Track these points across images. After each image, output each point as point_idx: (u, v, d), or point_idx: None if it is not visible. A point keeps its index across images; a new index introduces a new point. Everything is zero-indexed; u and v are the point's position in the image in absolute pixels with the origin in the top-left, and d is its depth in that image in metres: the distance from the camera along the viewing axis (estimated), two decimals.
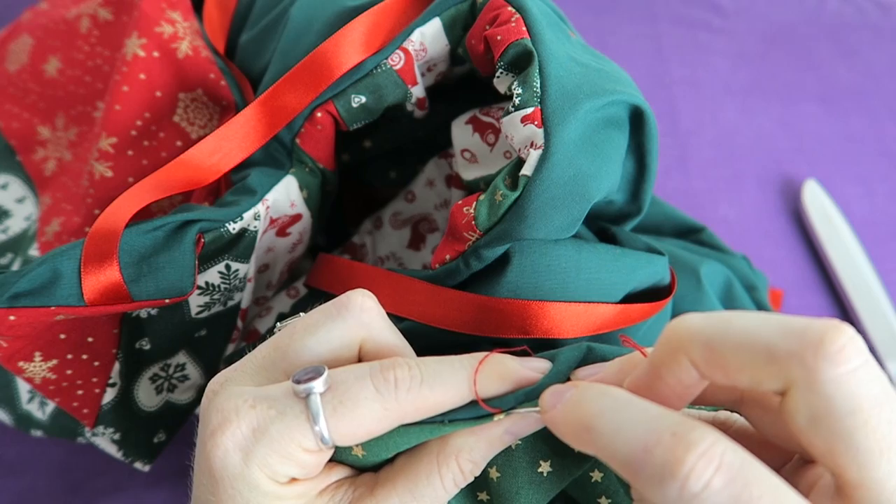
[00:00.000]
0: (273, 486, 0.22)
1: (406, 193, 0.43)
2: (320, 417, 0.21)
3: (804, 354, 0.17)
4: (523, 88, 0.27)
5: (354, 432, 0.22)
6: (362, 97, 0.32)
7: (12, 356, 0.30)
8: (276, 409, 0.22)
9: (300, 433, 0.21)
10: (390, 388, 0.22)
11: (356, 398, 0.22)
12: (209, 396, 0.23)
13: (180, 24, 0.37)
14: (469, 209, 0.28)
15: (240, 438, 0.21)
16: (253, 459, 0.21)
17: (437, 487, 0.23)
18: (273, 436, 0.21)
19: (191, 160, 0.32)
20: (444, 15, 0.31)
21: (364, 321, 0.24)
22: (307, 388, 0.21)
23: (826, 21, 0.67)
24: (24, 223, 0.40)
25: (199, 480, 0.23)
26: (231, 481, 0.21)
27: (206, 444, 0.22)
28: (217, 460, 0.22)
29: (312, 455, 0.22)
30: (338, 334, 0.23)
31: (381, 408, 0.22)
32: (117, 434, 0.34)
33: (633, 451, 0.18)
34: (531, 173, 0.26)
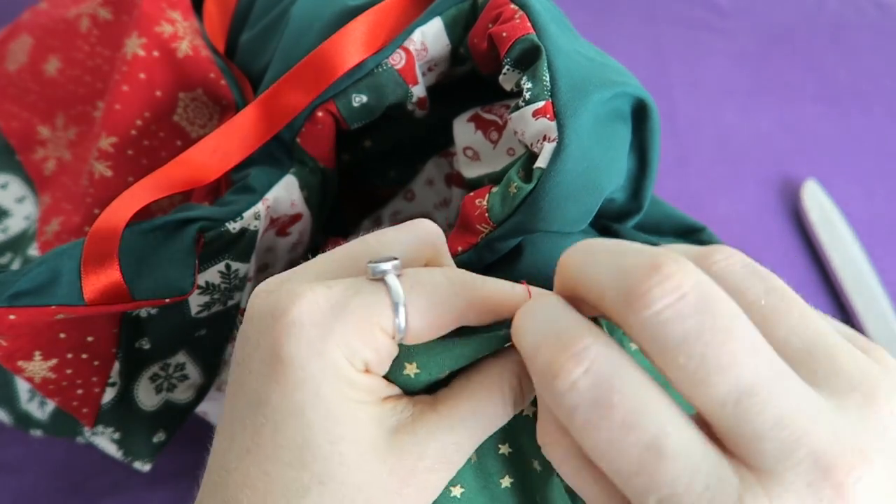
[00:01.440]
0: (350, 369, 0.20)
1: (406, 192, 0.43)
2: (400, 294, 0.21)
3: (616, 301, 0.18)
4: (533, 83, 0.27)
5: (428, 318, 0.21)
6: (363, 96, 0.32)
7: (12, 355, 0.30)
8: (354, 287, 0.21)
9: (380, 310, 0.20)
10: (459, 276, 0.22)
11: (431, 282, 0.22)
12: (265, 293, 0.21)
13: (180, 23, 0.37)
14: (482, 201, 0.28)
15: (317, 314, 0.20)
16: (332, 336, 0.20)
17: (498, 406, 0.23)
18: (353, 310, 0.20)
19: (191, 159, 0.32)
20: (446, 14, 0.31)
21: (433, 241, 0.24)
22: (384, 268, 0.21)
23: (826, 21, 0.67)
24: (24, 223, 0.40)
25: (249, 371, 0.21)
26: (303, 361, 0.20)
27: (273, 326, 0.20)
28: (290, 340, 0.20)
29: (388, 341, 0.21)
30: (407, 247, 0.23)
31: (453, 294, 0.22)
32: (117, 433, 0.34)
33: (529, 349, 0.19)
34: (545, 165, 0.26)
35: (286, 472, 0.20)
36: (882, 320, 0.50)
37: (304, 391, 0.20)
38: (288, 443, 0.20)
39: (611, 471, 0.18)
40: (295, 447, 0.20)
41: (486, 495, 0.27)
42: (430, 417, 0.22)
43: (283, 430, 0.20)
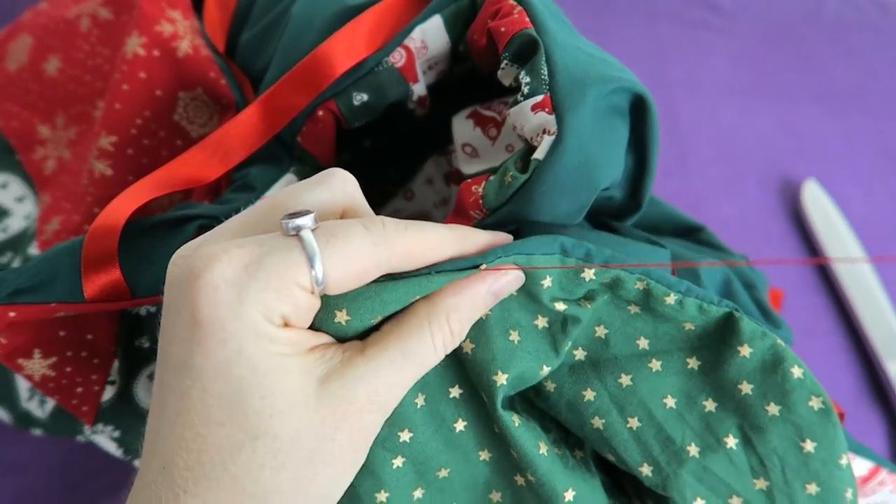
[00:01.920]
0: (268, 325, 0.21)
1: (405, 192, 0.43)
2: (315, 249, 0.21)
3: None
4: (531, 77, 0.27)
5: (346, 269, 0.21)
6: (364, 95, 0.32)
7: (12, 353, 0.30)
8: (268, 244, 0.21)
9: (295, 267, 0.20)
10: (378, 226, 0.22)
11: (347, 233, 0.21)
12: (181, 258, 0.21)
13: (180, 22, 0.37)
14: (478, 188, 0.28)
15: (231, 275, 0.20)
16: (248, 295, 0.20)
17: (427, 346, 0.23)
18: (268, 269, 0.20)
19: (191, 159, 0.32)
20: (445, 12, 0.31)
21: (348, 190, 0.24)
22: (298, 223, 0.21)
23: (826, 21, 0.67)
24: (24, 222, 0.40)
25: (172, 338, 0.21)
26: (222, 323, 0.20)
27: (190, 290, 0.20)
28: (207, 301, 0.20)
29: (306, 295, 0.21)
30: (322, 198, 0.23)
31: (371, 243, 0.22)
32: (117, 432, 0.34)
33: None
34: (542, 157, 0.26)
35: (218, 430, 0.20)
36: (882, 320, 0.50)
37: (226, 350, 0.20)
38: (217, 402, 0.20)
39: None
40: (224, 405, 0.20)
41: (438, 439, 0.27)
42: (357, 362, 0.22)
43: (211, 389, 0.20)
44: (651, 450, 0.28)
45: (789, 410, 0.27)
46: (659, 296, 0.27)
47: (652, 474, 0.28)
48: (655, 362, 0.28)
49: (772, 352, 0.27)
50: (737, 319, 0.27)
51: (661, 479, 0.28)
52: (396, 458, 0.26)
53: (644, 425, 0.28)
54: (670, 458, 0.28)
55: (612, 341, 0.28)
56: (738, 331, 0.27)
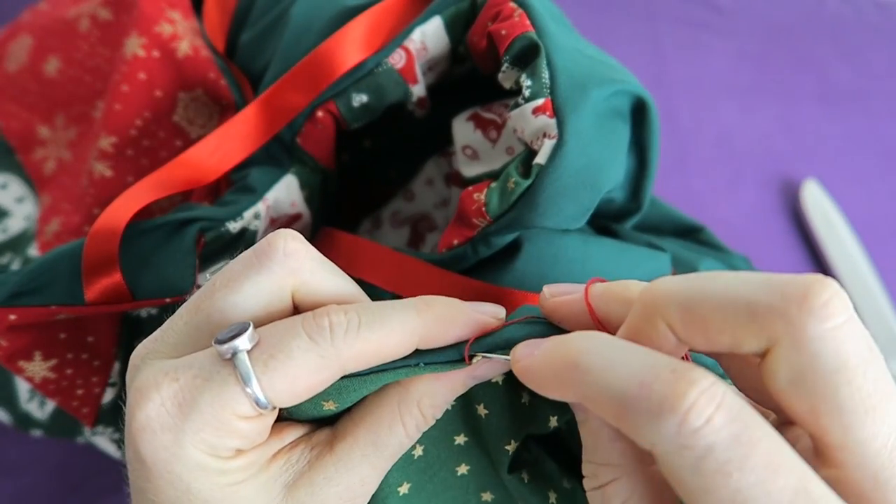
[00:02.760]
0: (214, 461, 0.20)
1: (405, 192, 0.43)
2: (251, 377, 0.19)
3: (788, 310, 0.17)
4: (532, 80, 0.27)
5: (292, 388, 0.20)
6: (363, 96, 0.32)
7: (12, 355, 0.30)
8: (202, 376, 0.19)
9: (233, 399, 0.19)
10: (325, 334, 0.20)
11: (288, 350, 0.20)
12: (131, 373, 0.21)
13: (180, 23, 0.37)
14: (480, 195, 0.28)
15: (165, 417, 0.19)
16: (185, 438, 0.19)
17: (399, 435, 0.22)
18: (202, 407, 0.19)
19: (191, 159, 0.32)
20: (445, 13, 0.31)
21: (292, 267, 0.21)
22: (231, 347, 0.19)
23: (826, 21, 0.67)
24: (24, 223, 0.40)
25: (131, 466, 0.20)
26: (165, 465, 0.19)
27: (131, 427, 0.19)
28: (145, 445, 0.19)
29: (251, 422, 0.20)
30: (264, 287, 0.21)
31: (317, 356, 0.20)
32: (117, 433, 0.34)
33: (627, 387, 0.17)
34: (545, 162, 0.26)
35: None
36: (882, 320, 0.50)
37: (176, 489, 0.20)
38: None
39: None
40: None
41: (437, 482, 0.27)
42: (327, 461, 0.22)
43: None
44: None
45: None
46: None
47: None
48: None
49: None
50: None
51: None
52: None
53: None
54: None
55: None
56: None
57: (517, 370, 0.20)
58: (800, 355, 0.16)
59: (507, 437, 0.25)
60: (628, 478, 0.19)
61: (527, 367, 0.20)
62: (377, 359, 0.21)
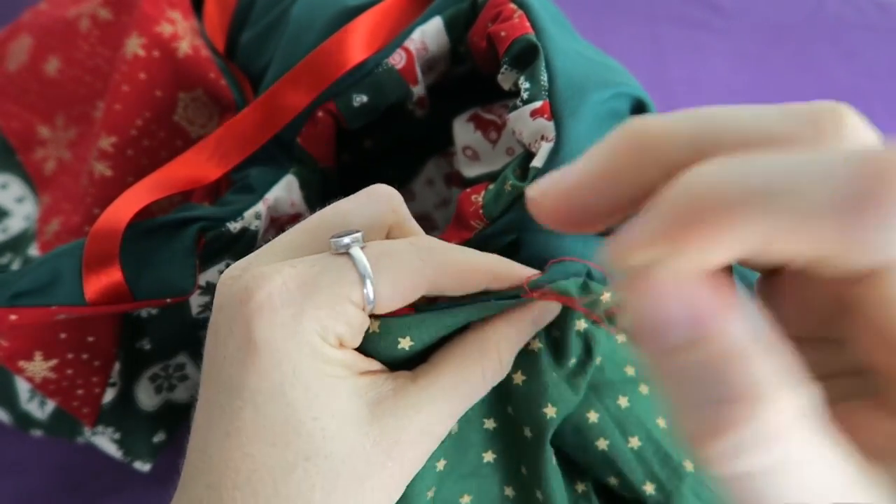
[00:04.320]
0: (324, 345, 0.21)
1: (405, 192, 0.43)
2: (366, 266, 0.21)
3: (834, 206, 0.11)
4: (531, 83, 0.27)
5: (395, 288, 0.21)
6: (364, 96, 0.32)
7: (13, 355, 0.30)
8: (320, 264, 0.21)
9: (349, 285, 0.20)
10: (424, 245, 0.22)
11: (396, 252, 0.22)
12: (231, 279, 0.21)
13: (180, 23, 0.37)
14: (477, 198, 0.28)
15: (286, 295, 0.20)
16: (304, 314, 0.20)
17: (477, 376, 0.23)
18: (322, 287, 0.20)
19: (191, 159, 0.32)
20: (446, 13, 0.31)
21: (394, 205, 0.24)
22: (348, 242, 0.21)
23: (826, 21, 0.67)
24: (24, 223, 0.40)
25: (224, 358, 0.21)
26: (278, 343, 0.20)
27: (243, 310, 0.20)
28: (262, 322, 0.20)
29: (358, 313, 0.21)
30: (368, 214, 0.23)
31: (419, 260, 0.22)
32: (117, 433, 0.34)
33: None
34: (541, 165, 0.26)
35: (269, 451, 0.20)
36: None
37: (281, 371, 0.20)
38: (269, 423, 0.20)
39: None
40: (277, 426, 0.20)
41: (465, 466, 0.27)
42: (411, 390, 0.22)
43: (264, 410, 0.20)
44: (652, 467, 0.28)
45: None
46: None
47: (656, 492, 0.28)
48: (644, 387, 0.29)
49: None
50: None
51: (664, 497, 0.28)
52: (430, 489, 0.26)
53: (644, 444, 0.28)
54: (671, 475, 0.28)
55: (606, 368, 0.29)
56: None
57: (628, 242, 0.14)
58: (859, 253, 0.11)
59: (545, 401, 0.26)
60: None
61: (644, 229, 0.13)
62: (460, 281, 0.23)
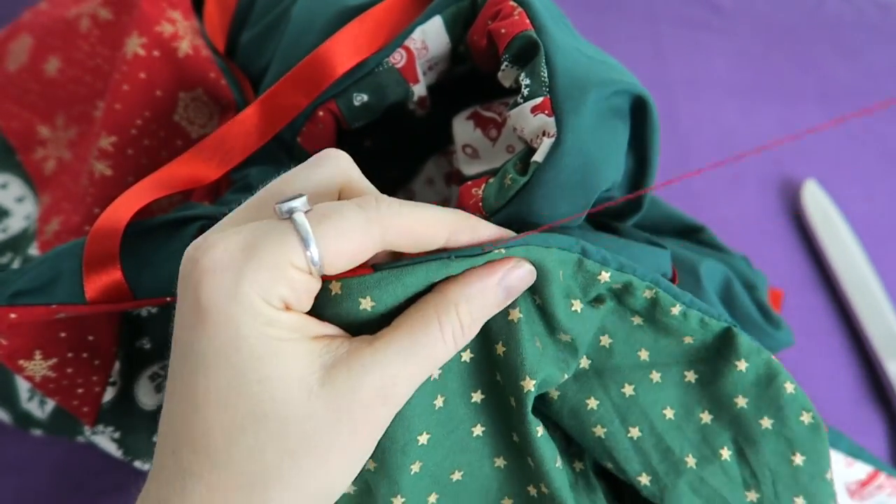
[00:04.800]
0: (265, 307, 0.21)
1: (406, 192, 0.43)
2: (307, 229, 0.21)
3: None
4: (531, 79, 0.27)
5: (341, 247, 0.21)
6: (364, 96, 0.32)
7: (13, 354, 0.30)
8: (262, 229, 0.21)
9: (290, 247, 0.21)
10: (371, 204, 0.22)
11: (339, 212, 0.22)
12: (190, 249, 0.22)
13: (180, 23, 0.37)
14: (478, 191, 0.28)
15: (228, 259, 0.21)
16: (244, 277, 0.20)
17: (436, 338, 0.23)
18: (262, 250, 0.21)
19: (191, 159, 0.32)
20: (446, 13, 0.31)
21: (342, 167, 0.24)
22: (290, 206, 0.21)
23: (826, 21, 0.67)
24: (24, 222, 0.40)
25: (179, 325, 0.22)
26: (221, 306, 0.20)
27: (192, 276, 0.21)
28: (206, 286, 0.20)
29: (303, 276, 0.21)
30: (316, 179, 0.24)
31: (364, 219, 0.22)
32: (117, 433, 0.34)
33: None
34: (542, 160, 0.26)
35: (220, 413, 0.21)
36: (882, 320, 0.50)
37: (225, 334, 0.20)
38: (217, 385, 0.21)
39: None
40: (224, 388, 0.21)
41: (454, 440, 0.27)
42: (364, 352, 0.22)
43: (212, 373, 0.21)
44: (650, 460, 0.28)
45: (782, 424, 0.28)
46: (665, 306, 0.27)
47: (650, 484, 0.28)
48: (656, 374, 0.29)
49: (766, 367, 0.28)
50: (735, 334, 0.28)
51: (658, 490, 0.28)
52: (414, 463, 0.26)
53: (645, 435, 0.28)
54: (669, 469, 0.28)
55: (615, 351, 0.28)
56: (735, 346, 0.28)
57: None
58: None
59: (523, 374, 0.26)
60: None
61: None
62: (413, 237, 0.23)
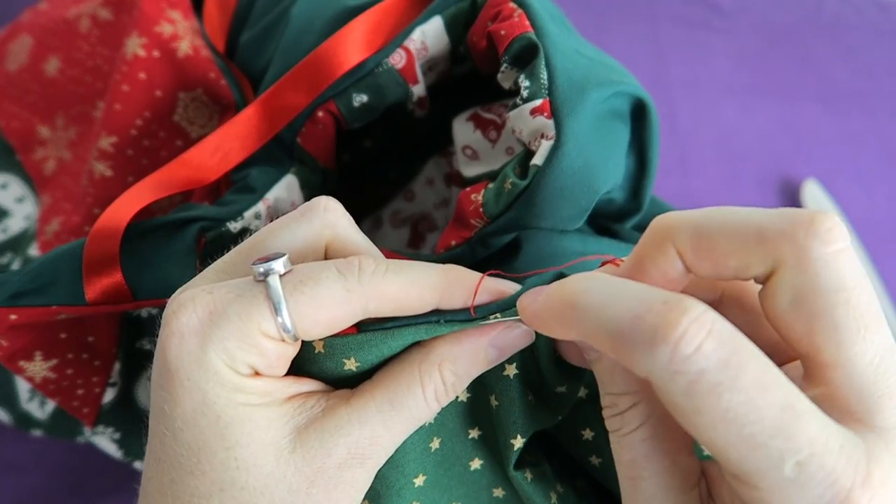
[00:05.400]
0: (232, 374, 0.20)
1: (405, 192, 0.43)
2: (280, 297, 0.20)
3: (795, 233, 0.18)
4: (531, 81, 0.27)
5: (316, 316, 0.20)
6: (364, 96, 0.32)
7: (13, 355, 0.30)
8: (235, 292, 0.20)
9: (259, 314, 0.20)
10: (353, 271, 0.21)
11: (317, 278, 0.21)
12: (170, 300, 0.21)
13: (180, 23, 0.37)
14: (477, 196, 0.28)
15: (195, 323, 0.20)
16: (209, 343, 0.20)
17: (418, 397, 0.22)
18: (230, 316, 0.20)
19: (191, 159, 0.32)
20: (446, 13, 0.31)
21: (329, 220, 0.23)
22: (267, 267, 0.20)
23: (826, 21, 0.67)
24: (24, 223, 0.40)
25: (156, 383, 0.21)
26: (187, 371, 0.20)
27: (161, 336, 0.20)
28: (172, 349, 0.20)
29: (274, 343, 0.21)
30: (302, 234, 0.23)
31: (343, 288, 0.21)
32: (117, 433, 0.34)
33: (622, 320, 0.18)
34: (542, 163, 0.26)
35: (188, 479, 0.21)
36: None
37: (192, 400, 0.20)
38: (186, 451, 0.20)
39: (742, 436, 0.17)
40: (192, 455, 0.20)
41: (451, 475, 0.27)
42: (340, 411, 0.22)
43: (181, 438, 0.20)
44: None
45: None
46: None
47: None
48: None
49: None
50: None
51: None
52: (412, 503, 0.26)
53: None
54: None
55: None
56: None
57: (524, 316, 0.21)
58: (804, 275, 0.18)
59: (513, 432, 0.25)
60: (646, 402, 0.20)
61: (532, 311, 0.21)
62: (399, 305, 0.22)
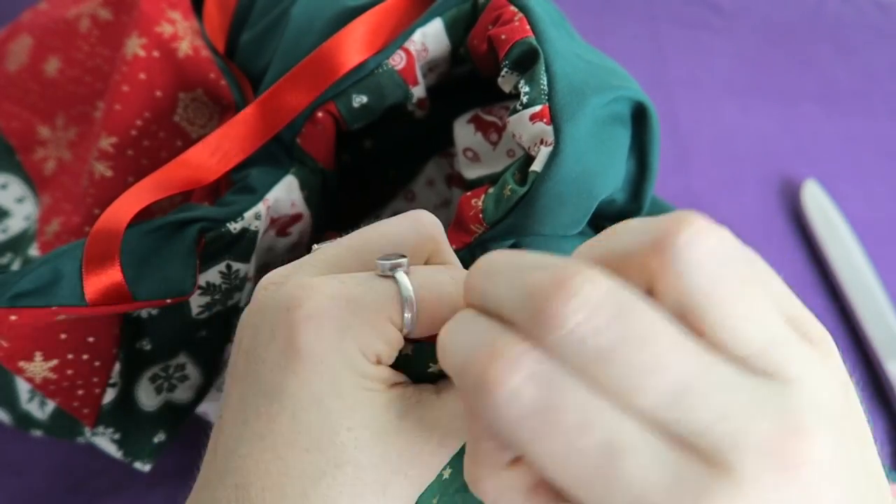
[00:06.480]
0: (363, 361, 0.21)
1: (406, 193, 0.43)
2: (410, 292, 0.21)
3: (528, 322, 0.16)
4: (530, 86, 0.27)
5: (434, 315, 0.22)
6: (363, 97, 0.32)
7: (13, 356, 0.30)
8: (366, 284, 0.22)
9: (392, 307, 0.21)
10: (461, 278, 0.22)
11: (438, 281, 0.22)
12: (274, 285, 0.22)
13: (180, 23, 0.37)
14: (477, 202, 0.28)
15: (334, 310, 0.21)
16: (350, 330, 0.21)
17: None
18: (368, 307, 0.21)
19: (191, 160, 0.32)
20: (446, 15, 0.31)
21: (435, 235, 0.24)
22: (395, 264, 0.22)
23: (826, 21, 0.67)
24: (24, 223, 0.40)
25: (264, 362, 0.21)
26: (323, 355, 0.21)
27: (289, 319, 0.21)
28: (308, 333, 0.21)
29: (398, 334, 0.22)
30: (412, 240, 0.24)
31: (457, 293, 0.22)
32: (117, 434, 0.34)
33: (456, 367, 0.17)
34: (541, 169, 0.26)
35: (303, 456, 0.21)
36: (882, 320, 0.50)
37: (322, 381, 0.21)
38: (306, 429, 0.21)
39: (571, 483, 0.16)
40: (313, 433, 0.21)
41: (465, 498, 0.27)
42: (435, 404, 0.23)
43: (301, 417, 0.21)
44: None
45: None
46: None
47: None
48: None
49: None
50: None
51: None
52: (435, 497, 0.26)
53: None
54: None
55: None
56: None
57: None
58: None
59: None
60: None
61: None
62: None
